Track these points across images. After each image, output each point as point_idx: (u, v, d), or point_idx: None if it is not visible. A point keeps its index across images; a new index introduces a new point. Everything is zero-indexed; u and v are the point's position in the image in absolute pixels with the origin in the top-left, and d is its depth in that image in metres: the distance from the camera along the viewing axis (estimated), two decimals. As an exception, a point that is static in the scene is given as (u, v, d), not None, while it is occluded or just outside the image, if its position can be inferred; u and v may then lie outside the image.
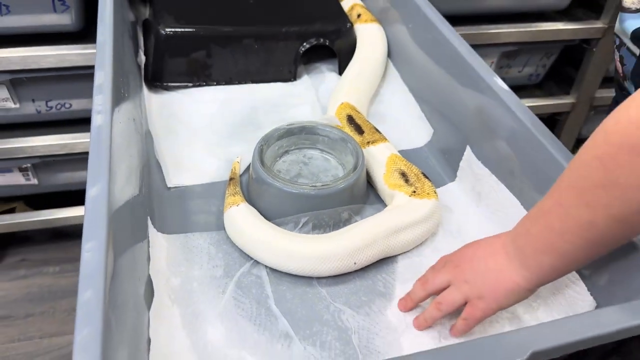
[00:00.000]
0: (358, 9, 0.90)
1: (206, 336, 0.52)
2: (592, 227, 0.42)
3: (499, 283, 0.48)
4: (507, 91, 0.64)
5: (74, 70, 0.97)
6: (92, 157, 0.50)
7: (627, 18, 0.54)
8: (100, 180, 0.47)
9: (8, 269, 1.24)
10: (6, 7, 0.89)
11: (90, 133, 0.53)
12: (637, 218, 0.40)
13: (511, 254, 0.48)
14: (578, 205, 0.42)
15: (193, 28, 0.80)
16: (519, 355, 0.38)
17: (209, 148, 0.72)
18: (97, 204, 0.46)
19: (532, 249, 0.46)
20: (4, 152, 1.04)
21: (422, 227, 0.59)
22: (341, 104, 0.74)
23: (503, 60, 1.19)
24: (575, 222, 0.42)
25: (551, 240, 0.44)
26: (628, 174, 0.38)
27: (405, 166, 0.65)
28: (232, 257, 0.60)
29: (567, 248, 0.44)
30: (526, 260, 0.46)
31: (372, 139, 0.69)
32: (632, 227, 0.42)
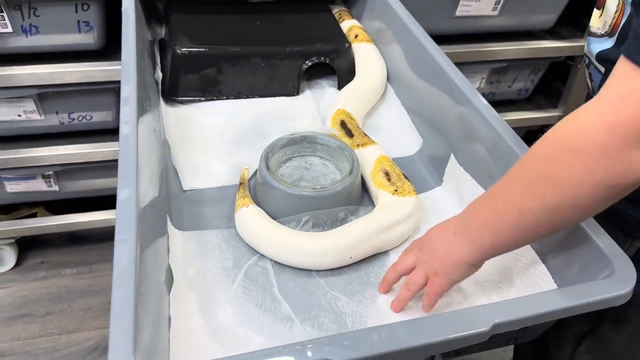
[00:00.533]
0: (356, 30, 0.98)
1: (218, 318, 0.59)
2: (529, 213, 0.47)
3: (448, 258, 0.53)
4: (486, 105, 0.71)
5: (95, 85, 1.05)
6: (121, 163, 0.57)
7: (593, 42, 0.62)
8: (130, 184, 0.55)
9: (29, 271, 1.32)
10: (35, 28, 0.97)
11: (119, 142, 0.61)
12: (567, 211, 0.45)
13: (459, 231, 0.53)
14: (520, 193, 0.47)
15: (206, 48, 0.88)
16: (484, 326, 0.45)
17: (220, 155, 0.80)
18: (127, 205, 0.53)
19: (476, 224, 0.52)
20: (29, 160, 1.12)
21: (408, 224, 0.67)
22: (337, 110, 0.82)
23: (493, 76, 1.27)
24: (515, 207, 0.48)
25: (493, 219, 0.50)
26: (566, 172, 0.44)
27: (389, 167, 0.72)
28: (240, 251, 0.67)
29: (505, 228, 0.49)
30: (471, 234, 0.52)
31: (361, 142, 0.76)
32: (561, 219, 0.47)
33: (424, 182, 0.78)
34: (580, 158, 0.43)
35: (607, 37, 0.58)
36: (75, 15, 0.96)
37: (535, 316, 0.47)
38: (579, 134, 0.43)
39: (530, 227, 0.48)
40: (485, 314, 0.46)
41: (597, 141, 0.42)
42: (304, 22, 1.00)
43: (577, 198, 0.44)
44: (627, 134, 0.40)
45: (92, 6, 0.96)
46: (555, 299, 0.48)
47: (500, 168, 0.67)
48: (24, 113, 1.07)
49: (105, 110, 1.11)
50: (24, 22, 0.96)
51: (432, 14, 1.11)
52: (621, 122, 0.41)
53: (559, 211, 0.46)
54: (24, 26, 0.96)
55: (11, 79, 1.00)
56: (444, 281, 0.54)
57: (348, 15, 1.03)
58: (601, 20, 0.59)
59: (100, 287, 1.29)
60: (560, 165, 0.44)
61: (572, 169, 0.43)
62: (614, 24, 0.57)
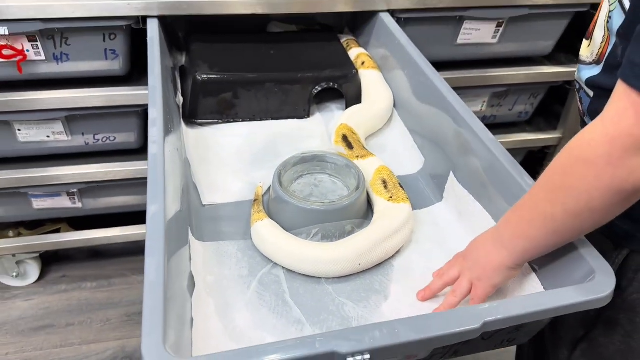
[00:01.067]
0: (363, 57, 1.05)
1: (235, 321, 0.65)
2: (552, 218, 0.54)
3: (489, 264, 0.60)
4: (483, 128, 0.77)
5: (119, 108, 1.11)
6: (150, 180, 0.64)
7: (583, 69, 0.67)
8: (158, 200, 0.61)
9: (51, 284, 1.38)
10: (66, 56, 1.05)
11: (148, 161, 0.67)
12: (585, 215, 0.52)
13: (496, 240, 0.60)
14: (544, 201, 0.54)
15: (224, 74, 0.95)
16: (475, 323, 0.51)
17: (236, 173, 0.86)
18: (156, 218, 0.59)
19: (509, 233, 0.59)
20: (55, 178, 1.19)
21: (405, 231, 0.74)
22: (340, 125, 0.89)
23: (494, 100, 1.33)
24: (540, 214, 0.55)
25: (522, 227, 0.57)
26: (579, 180, 0.50)
27: (387, 176, 0.79)
28: (255, 261, 0.73)
29: (534, 233, 0.56)
30: (505, 243, 0.59)
31: (361, 154, 0.83)
32: (582, 222, 0.53)
33: (425, 198, 0.84)
34: (590, 167, 0.49)
35: (595, 65, 0.64)
36: (103, 44, 1.04)
37: (522, 315, 0.52)
38: (587, 147, 0.50)
39: (556, 231, 0.55)
40: (476, 313, 0.51)
41: (602, 152, 0.48)
42: (314, 50, 1.07)
43: (591, 202, 0.51)
44: (627, 144, 0.47)
45: (118, 36, 1.03)
46: (542, 300, 0.53)
47: (495, 185, 0.72)
48: (53, 134, 1.15)
49: (127, 132, 1.18)
50: (56, 50, 1.03)
51: (435, 42, 1.18)
52: (620, 134, 0.47)
53: (578, 215, 0.52)
54: (56, 54, 1.04)
55: (42, 102, 1.08)
56: (487, 285, 0.60)
57: (355, 44, 1.10)
58: (589, 49, 0.65)
59: (118, 300, 1.35)
60: (575, 174, 0.51)
61: (584, 177, 0.50)
62: (600, 53, 0.63)
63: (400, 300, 0.68)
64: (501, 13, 1.16)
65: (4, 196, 1.21)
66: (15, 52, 1.01)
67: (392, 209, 0.75)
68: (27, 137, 1.14)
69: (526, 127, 1.44)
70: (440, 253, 0.74)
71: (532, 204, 0.56)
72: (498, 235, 0.61)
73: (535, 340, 0.81)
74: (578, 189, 0.51)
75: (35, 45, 1.01)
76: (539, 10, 1.17)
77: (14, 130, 1.12)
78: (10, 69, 1.03)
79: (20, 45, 1.00)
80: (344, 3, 1.06)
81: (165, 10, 0.99)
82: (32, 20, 0.97)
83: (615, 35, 0.59)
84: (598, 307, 0.55)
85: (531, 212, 0.56)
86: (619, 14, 0.57)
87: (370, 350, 0.48)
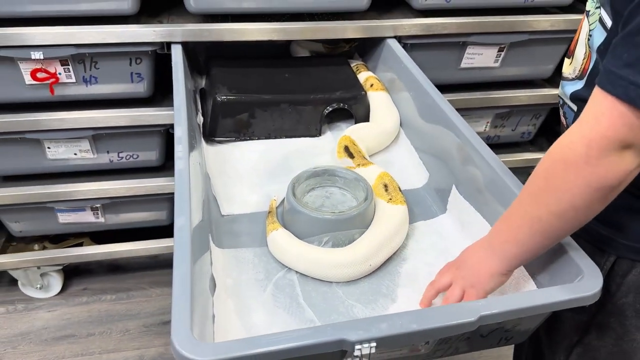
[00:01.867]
0: (371, 80, 1.11)
1: (252, 320, 0.70)
2: (539, 221, 0.57)
3: (481, 271, 0.63)
4: (484, 145, 0.83)
5: (142, 128, 1.19)
6: (177, 194, 0.69)
7: (566, 84, 0.72)
8: (185, 212, 0.67)
9: (72, 296, 1.44)
10: (95, 78, 1.13)
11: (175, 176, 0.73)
12: (569, 214, 0.55)
13: (487, 248, 0.64)
14: (530, 205, 0.58)
15: (241, 96, 1.02)
16: (472, 317, 0.56)
17: (253, 186, 0.92)
18: (183, 229, 0.64)
19: (500, 240, 0.62)
20: (81, 193, 1.26)
21: (404, 230, 0.81)
22: (343, 137, 0.97)
23: (498, 121, 1.39)
24: (527, 218, 0.58)
25: (511, 233, 0.61)
26: (561, 181, 0.54)
27: (388, 180, 0.86)
28: (271, 266, 0.78)
29: (522, 238, 0.59)
30: (496, 250, 0.62)
31: (361, 163, 0.90)
32: (566, 221, 0.56)
33: (430, 211, 0.89)
34: (570, 168, 0.53)
35: (578, 80, 0.69)
36: (129, 68, 1.12)
37: (516, 310, 0.57)
38: (567, 149, 0.54)
39: (543, 232, 0.58)
40: (473, 307, 0.56)
41: (581, 153, 0.52)
42: (326, 73, 1.14)
43: (573, 201, 0.55)
44: (602, 145, 0.51)
45: (144, 60, 1.11)
46: (534, 297, 0.58)
47: (496, 197, 0.77)
48: (79, 152, 1.22)
49: (150, 150, 1.25)
50: (86, 73, 1.11)
51: (439, 66, 1.24)
52: (596, 136, 0.52)
53: (562, 215, 0.56)
54: (85, 77, 1.12)
55: (71, 121, 1.15)
56: (480, 291, 0.63)
57: (364, 68, 1.17)
58: (571, 67, 0.71)
59: (136, 311, 1.41)
60: (556, 175, 0.55)
61: (565, 177, 0.54)
62: (582, 69, 0.68)
63: (406, 303, 0.73)
64: (502, 38, 1.22)
65: (32, 210, 1.28)
66: (49, 75, 1.09)
67: (391, 210, 0.81)
68: (56, 154, 1.22)
69: (529, 146, 1.50)
70: (443, 261, 0.78)
71: (519, 210, 0.60)
72: (489, 244, 0.64)
73: (533, 345, 0.85)
74: (560, 189, 0.55)
75: (67, 69, 1.09)
76: (539, 36, 1.24)
77: (44, 147, 1.20)
78: (43, 90, 1.11)
79: (53, 68, 1.08)
80: (354, 30, 1.14)
81: (188, 37, 1.07)
82: (65, 45, 1.05)
83: (596, 52, 0.63)
84: (586, 305, 0.60)
85: (518, 217, 0.60)
86: (600, 32, 0.62)
87: (376, 339, 0.53)
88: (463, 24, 1.18)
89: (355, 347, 0.53)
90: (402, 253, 0.81)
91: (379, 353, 0.57)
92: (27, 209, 1.28)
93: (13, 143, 1.17)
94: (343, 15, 1.16)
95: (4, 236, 1.40)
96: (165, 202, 1.33)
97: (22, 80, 1.08)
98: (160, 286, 1.48)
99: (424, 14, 1.19)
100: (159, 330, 1.36)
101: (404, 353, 0.62)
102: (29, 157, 1.20)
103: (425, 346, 0.62)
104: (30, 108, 1.14)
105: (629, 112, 0.50)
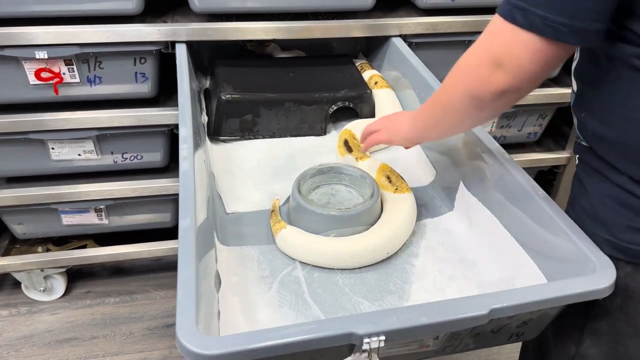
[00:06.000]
0: (376, 78, 1.11)
1: (257, 317, 0.69)
2: (435, 110, 0.70)
3: (397, 129, 0.79)
4: (488, 136, 0.82)
5: (147, 128, 1.18)
6: (182, 195, 0.68)
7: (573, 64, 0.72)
8: (190, 213, 0.65)
9: (76, 299, 1.43)
10: (99, 78, 1.12)
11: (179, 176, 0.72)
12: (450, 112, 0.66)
13: (410, 117, 0.78)
14: (437, 94, 0.69)
15: (246, 94, 1.02)
16: (483, 310, 0.54)
17: (257, 185, 0.92)
18: (188, 228, 0.63)
19: (417, 114, 0.76)
20: (84, 195, 1.25)
21: (413, 215, 0.82)
22: (344, 130, 0.97)
23: (503, 121, 1.38)
24: (432, 104, 0.71)
25: (423, 111, 0.74)
26: (451, 82, 0.64)
27: (390, 172, 0.86)
28: (276, 264, 0.77)
29: (425, 117, 0.73)
30: (412, 120, 0.77)
31: (359, 156, 0.91)
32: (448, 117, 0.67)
33: (437, 208, 0.88)
34: (459, 73, 0.63)
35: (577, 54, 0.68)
36: (134, 68, 1.11)
37: (528, 303, 0.56)
38: (462, 59, 0.62)
39: (436, 118, 0.71)
40: (484, 300, 0.55)
41: (468, 62, 0.61)
42: (330, 72, 1.13)
43: (454, 101, 0.64)
44: (482, 58, 0.58)
45: (148, 60, 1.11)
46: (546, 290, 0.57)
47: (505, 193, 0.76)
48: (83, 152, 1.22)
49: (154, 151, 1.24)
50: (90, 73, 1.11)
51: (445, 65, 1.21)
52: (483, 51, 0.58)
53: (447, 111, 0.67)
54: (90, 77, 1.12)
55: (75, 122, 1.14)
56: (384, 136, 0.82)
57: (369, 66, 1.16)
58: None
59: (140, 314, 1.39)
60: (451, 77, 0.65)
61: (453, 80, 0.64)
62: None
63: (414, 300, 0.72)
64: (508, 37, 1.22)
65: (35, 212, 1.28)
66: (53, 74, 1.09)
67: (400, 199, 0.82)
68: (60, 155, 1.21)
69: (535, 147, 1.48)
70: (451, 257, 0.78)
71: (432, 97, 0.71)
72: (412, 114, 0.78)
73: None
74: (449, 89, 0.65)
75: (71, 69, 1.09)
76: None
77: (48, 148, 1.19)
78: (47, 90, 1.11)
79: (57, 68, 1.08)
80: (359, 29, 1.13)
81: (192, 36, 1.07)
82: (69, 45, 1.05)
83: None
84: (599, 298, 0.58)
85: (430, 102, 0.71)
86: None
87: (385, 333, 0.52)
88: (468, 22, 1.17)
89: (363, 340, 0.51)
90: (409, 250, 0.80)
91: (388, 348, 0.56)
92: (31, 210, 1.27)
93: (17, 144, 1.16)
94: (347, 15, 1.16)
95: (7, 238, 1.40)
96: (170, 203, 1.33)
97: (26, 80, 1.08)
98: (164, 289, 1.47)
99: (429, 12, 1.19)
100: (162, 333, 1.35)
101: (413, 349, 0.61)
102: (32, 158, 1.20)
103: (435, 342, 0.60)
104: (34, 108, 1.13)
105: (505, 29, 0.55)
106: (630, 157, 0.59)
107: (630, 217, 0.61)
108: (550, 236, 0.67)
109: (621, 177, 0.61)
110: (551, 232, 0.67)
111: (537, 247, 0.70)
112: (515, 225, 0.74)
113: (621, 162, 0.61)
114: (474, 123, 0.70)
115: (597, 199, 0.64)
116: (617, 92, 0.59)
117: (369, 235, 0.77)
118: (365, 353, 0.52)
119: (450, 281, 0.74)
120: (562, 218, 0.66)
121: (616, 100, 0.59)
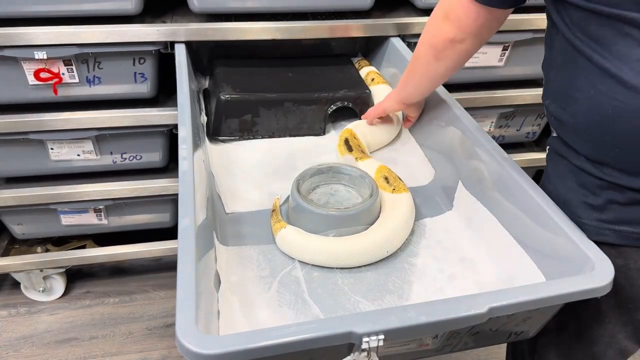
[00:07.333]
0: (372, 74, 1.11)
1: (257, 317, 0.69)
2: (411, 62, 0.83)
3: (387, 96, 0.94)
4: (486, 136, 0.82)
5: (146, 128, 1.18)
6: (181, 195, 0.68)
7: None
8: (189, 213, 0.66)
9: (75, 300, 1.43)
10: (98, 79, 1.12)
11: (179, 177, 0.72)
12: (420, 59, 0.79)
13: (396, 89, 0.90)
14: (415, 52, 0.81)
15: (245, 94, 1.02)
16: (481, 309, 0.55)
17: (257, 184, 0.92)
18: (188, 228, 0.64)
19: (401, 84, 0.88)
20: (84, 195, 1.25)
21: (412, 215, 0.82)
22: (345, 130, 0.97)
23: (502, 120, 1.38)
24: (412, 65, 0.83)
25: (406, 74, 0.85)
26: (423, 33, 0.77)
27: (388, 173, 0.86)
28: (275, 264, 0.77)
29: (405, 74, 0.86)
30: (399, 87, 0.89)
31: (359, 156, 0.90)
32: (421, 65, 0.80)
33: (436, 208, 0.88)
34: (427, 24, 0.76)
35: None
36: (133, 68, 1.12)
37: (526, 302, 0.56)
38: (433, 11, 0.75)
39: (410, 72, 0.85)
40: (483, 299, 0.55)
41: (432, 15, 0.74)
42: (329, 72, 1.13)
43: (419, 52, 0.78)
44: (437, 11, 0.73)
45: (147, 60, 1.11)
46: (544, 288, 0.57)
47: (503, 192, 0.76)
48: (83, 153, 1.22)
49: (153, 152, 1.24)
50: (89, 73, 1.11)
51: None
52: (438, 7, 0.73)
53: (415, 61, 0.81)
54: (89, 77, 1.12)
55: (74, 122, 1.15)
56: (379, 107, 0.96)
57: (366, 63, 1.17)
58: None
59: (139, 314, 1.40)
60: (424, 29, 0.77)
61: (425, 31, 0.77)
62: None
63: (413, 299, 0.72)
64: (506, 37, 1.22)
65: (34, 212, 1.28)
66: (52, 75, 1.09)
67: (398, 199, 0.82)
68: (59, 155, 1.21)
69: (534, 147, 1.49)
70: (450, 256, 0.79)
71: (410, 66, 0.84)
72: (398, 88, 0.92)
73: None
74: (418, 44, 0.79)
75: (70, 69, 1.09)
76: (543, 35, 1.23)
77: (47, 148, 1.19)
78: (46, 90, 1.11)
79: (56, 68, 1.08)
80: (358, 29, 1.14)
81: (191, 36, 1.07)
82: (68, 45, 1.05)
83: None
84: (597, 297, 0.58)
85: (408, 68, 0.85)
86: None
87: (384, 331, 0.52)
88: (467, 22, 1.17)
89: (363, 339, 0.52)
90: (409, 249, 0.80)
91: (387, 347, 0.56)
92: (30, 210, 1.27)
93: (16, 144, 1.16)
94: (347, 15, 1.16)
95: (6, 239, 1.40)
96: (169, 203, 1.33)
97: (25, 81, 1.08)
98: (164, 289, 1.47)
99: (428, 12, 1.18)
100: (162, 333, 1.35)
101: (412, 348, 0.61)
102: (32, 158, 1.20)
103: (434, 340, 0.61)
104: (33, 108, 1.13)
105: None
106: (583, 137, 0.63)
107: (586, 195, 0.65)
108: (548, 235, 0.67)
109: (579, 158, 0.65)
110: (550, 231, 0.67)
111: (535, 246, 0.70)
112: (514, 225, 0.74)
113: (577, 142, 0.65)
114: (437, 73, 0.79)
115: (560, 182, 0.69)
116: (565, 74, 0.64)
117: (369, 234, 0.77)
118: (365, 352, 0.52)
119: (449, 280, 0.75)
120: (561, 217, 0.67)
121: (564, 82, 0.64)
